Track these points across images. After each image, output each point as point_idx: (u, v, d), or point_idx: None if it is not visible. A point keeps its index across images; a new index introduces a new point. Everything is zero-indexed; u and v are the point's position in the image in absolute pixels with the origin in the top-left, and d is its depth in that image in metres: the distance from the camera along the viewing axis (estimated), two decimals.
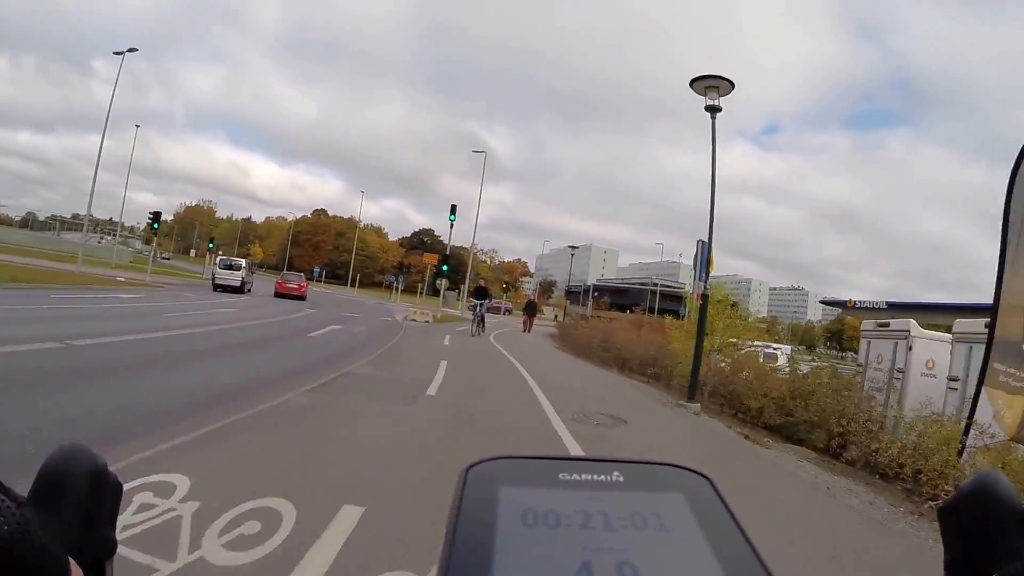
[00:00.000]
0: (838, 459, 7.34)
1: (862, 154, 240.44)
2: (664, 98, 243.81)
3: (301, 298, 29.75)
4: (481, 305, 20.09)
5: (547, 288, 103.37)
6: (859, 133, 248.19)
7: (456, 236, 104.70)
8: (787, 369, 11.02)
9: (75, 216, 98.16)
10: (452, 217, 26.59)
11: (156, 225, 28.61)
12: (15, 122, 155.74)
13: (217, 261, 31.39)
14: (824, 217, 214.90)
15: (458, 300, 37.98)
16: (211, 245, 44.86)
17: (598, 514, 0.31)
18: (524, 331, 25.68)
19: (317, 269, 63.45)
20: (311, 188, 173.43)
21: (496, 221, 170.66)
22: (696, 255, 20.85)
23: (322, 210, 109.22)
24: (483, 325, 20.05)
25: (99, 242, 39.46)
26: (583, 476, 0.33)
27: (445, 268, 26.34)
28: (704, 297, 9.74)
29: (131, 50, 29.90)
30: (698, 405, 9.27)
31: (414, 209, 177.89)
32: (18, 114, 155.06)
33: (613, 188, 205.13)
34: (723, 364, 11.00)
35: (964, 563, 0.35)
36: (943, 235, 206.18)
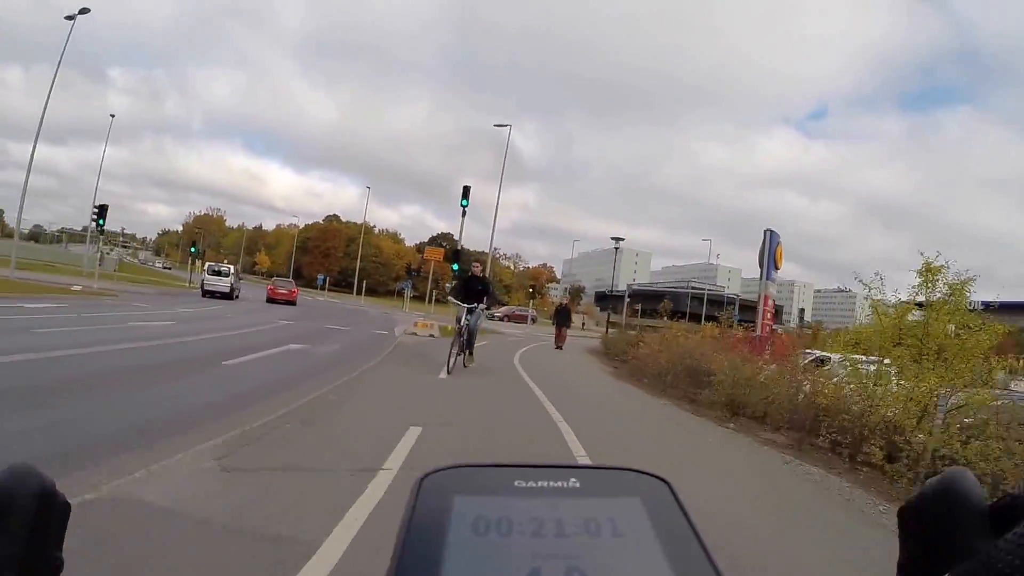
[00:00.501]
0: None
1: (915, 140, 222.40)
2: (701, 82, 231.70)
3: (291, 303, 30.10)
4: (471, 311, 10.56)
5: (575, 294, 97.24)
6: (914, 115, 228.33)
7: (476, 241, 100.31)
8: None
9: (85, 228, 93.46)
10: (464, 202, 21.11)
11: (101, 222, 23.91)
12: (28, 134, 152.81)
13: (206, 268, 31.74)
14: (871, 212, 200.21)
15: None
16: (193, 250, 39.97)
17: (551, 521, 0.30)
18: (556, 347, 19.74)
19: (321, 277, 58.11)
20: (327, 195, 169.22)
21: (519, 226, 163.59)
22: (762, 248, 14.41)
23: (334, 216, 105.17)
24: (471, 348, 10.90)
25: (109, 252, 37.49)
26: (539, 483, 0.33)
27: (456, 267, 20.84)
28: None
29: (83, 11, 25.20)
30: None
31: (434, 215, 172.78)
32: (32, 127, 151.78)
33: (643, 187, 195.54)
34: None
35: (919, 562, 0.34)
36: (1000, 228, 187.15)
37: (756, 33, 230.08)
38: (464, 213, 21.41)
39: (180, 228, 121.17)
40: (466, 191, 21.12)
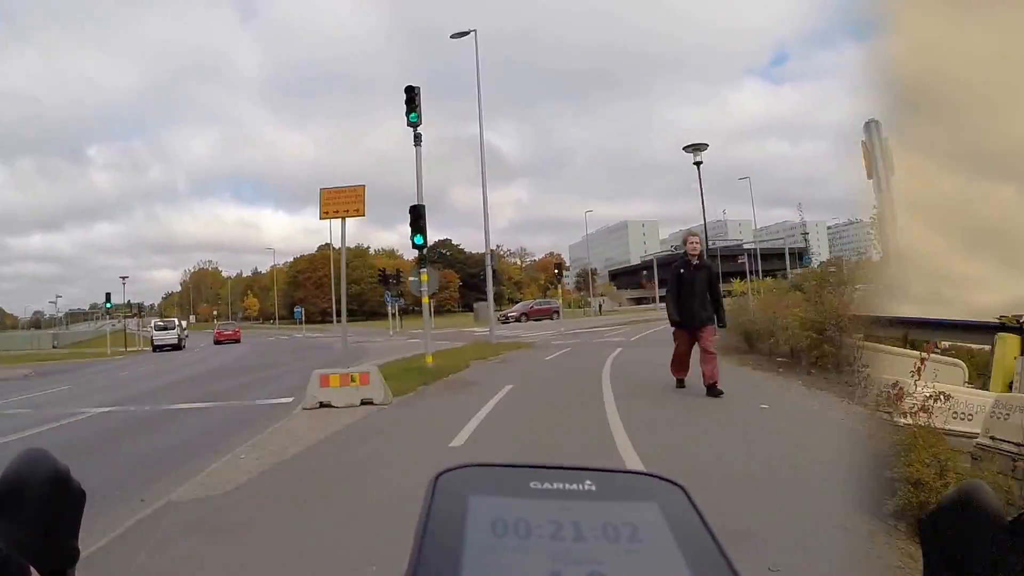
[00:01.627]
0: None
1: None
2: (660, 51, 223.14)
3: (237, 341, 32.72)
4: None
5: (587, 277, 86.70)
6: (870, 40, 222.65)
7: (475, 244, 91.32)
8: None
9: (92, 306, 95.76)
10: (413, 116, 10.99)
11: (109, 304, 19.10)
12: (24, 226, 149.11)
13: (152, 325, 33.12)
14: (852, 142, 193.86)
15: (491, 312, 22.39)
16: (107, 305, 30.27)
17: (569, 524, 0.30)
18: (676, 379, 7.07)
19: (297, 310, 47.94)
20: (324, 230, 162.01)
21: (517, 223, 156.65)
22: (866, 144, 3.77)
23: (327, 244, 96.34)
24: None
25: (116, 324, 37.59)
26: (555, 485, 0.32)
27: (419, 239, 10.78)
28: None
29: None
30: None
31: (431, 227, 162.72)
32: (26, 218, 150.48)
33: (631, 163, 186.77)
34: None
35: (942, 573, 0.35)
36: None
37: None
38: (418, 139, 11.28)
39: (179, 287, 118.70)
40: (411, 94, 10.97)
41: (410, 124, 11.06)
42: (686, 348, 6.78)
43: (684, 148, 17.42)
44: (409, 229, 10.72)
